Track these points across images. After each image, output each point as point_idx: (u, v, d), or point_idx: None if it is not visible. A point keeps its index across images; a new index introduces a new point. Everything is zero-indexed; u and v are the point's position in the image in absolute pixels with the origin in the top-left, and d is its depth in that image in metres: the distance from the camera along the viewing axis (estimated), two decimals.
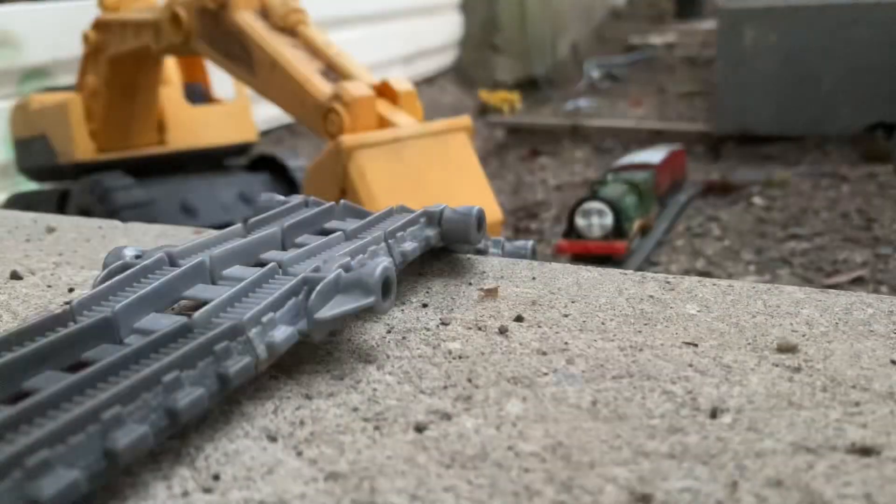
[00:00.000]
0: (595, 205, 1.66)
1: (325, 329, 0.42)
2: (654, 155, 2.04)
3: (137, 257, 0.47)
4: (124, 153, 1.61)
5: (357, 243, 0.50)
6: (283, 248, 0.52)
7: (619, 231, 1.64)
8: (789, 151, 2.38)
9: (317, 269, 0.44)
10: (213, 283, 0.46)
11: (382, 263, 0.42)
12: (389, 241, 0.52)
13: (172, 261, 0.47)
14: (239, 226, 0.54)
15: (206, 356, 0.36)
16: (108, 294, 0.43)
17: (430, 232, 0.55)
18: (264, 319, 0.40)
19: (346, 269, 0.43)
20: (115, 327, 0.40)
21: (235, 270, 0.48)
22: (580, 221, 1.67)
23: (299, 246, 0.52)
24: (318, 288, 0.41)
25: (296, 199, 0.59)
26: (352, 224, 0.56)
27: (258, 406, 0.39)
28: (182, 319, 0.39)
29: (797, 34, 2.39)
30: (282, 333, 0.40)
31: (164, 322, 0.41)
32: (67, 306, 0.41)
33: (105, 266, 0.46)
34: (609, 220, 1.64)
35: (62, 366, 0.38)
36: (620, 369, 0.43)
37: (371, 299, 0.41)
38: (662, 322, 0.48)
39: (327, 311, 0.41)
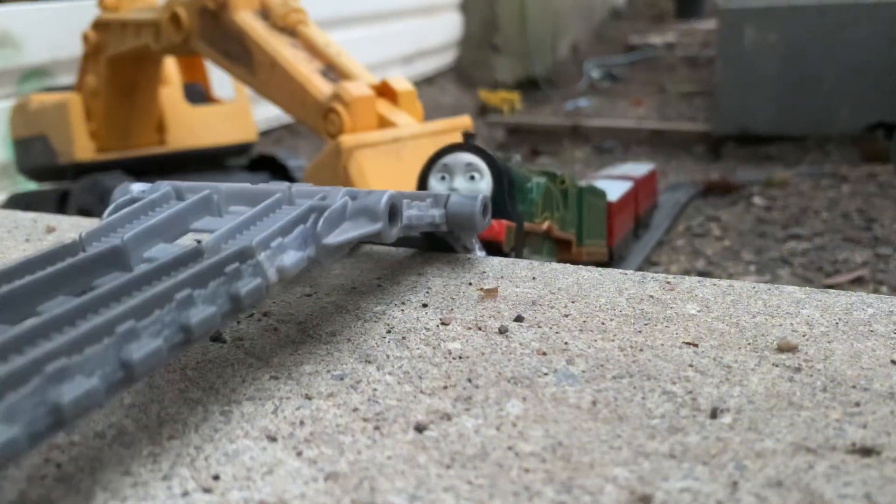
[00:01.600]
0: (464, 157, 0.79)
1: (333, 255, 0.42)
2: (614, 186, 1.43)
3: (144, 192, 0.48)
4: (124, 153, 1.60)
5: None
6: None
7: (503, 208, 0.75)
8: (789, 151, 2.38)
9: (323, 198, 0.44)
10: (220, 216, 0.47)
11: (389, 192, 0.42)
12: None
13: (179, 194, 0.47)
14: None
15: (218, 276, 0.37)
16: (117, 226, 0.43)
17: (436, 212, 0.54)
18: (273, 244, 0.40)
19: (353, 197, 0.43)
20: (125, 255, 0.41)
21: (242, 207, 0.48)
22: (435, 185, 0.81)
23: None
24: (325, 214, 0.41)
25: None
26: None
27: (258, 406, 0.39)
28: (192, 245, 0.39)
29: (797, 34, 2.39)
30: (291, 257, 0.40)
31: (173, 250, 0.41)
32: (77, 237, 0.41)
33: (112, 201, 0.47)
34: (486, 183, 0.77)
35: (74, 292, 0.38)
36: (620, 369, 0.43)
37: (378, 225, 0.42)
38: (662, 322, 0.48)
39: (335, 237, 0.41)
